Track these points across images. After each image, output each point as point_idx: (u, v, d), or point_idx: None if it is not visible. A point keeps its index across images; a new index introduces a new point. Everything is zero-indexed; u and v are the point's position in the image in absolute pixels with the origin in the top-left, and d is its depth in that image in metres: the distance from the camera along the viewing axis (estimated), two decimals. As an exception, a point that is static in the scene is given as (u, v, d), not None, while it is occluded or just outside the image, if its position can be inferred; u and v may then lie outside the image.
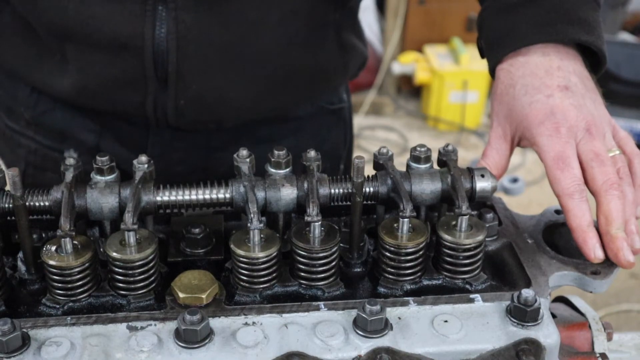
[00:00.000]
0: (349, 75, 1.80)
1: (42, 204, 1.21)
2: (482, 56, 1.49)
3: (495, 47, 1.42)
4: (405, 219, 1.19)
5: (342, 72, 1.76)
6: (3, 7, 1.60)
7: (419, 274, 1.23)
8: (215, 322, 1.13)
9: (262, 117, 1.69)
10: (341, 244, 1.23)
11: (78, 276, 1.16)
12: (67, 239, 1.15)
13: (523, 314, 1.13)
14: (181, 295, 1.16)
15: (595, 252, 1.22)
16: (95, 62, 1.52)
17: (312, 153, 1.26)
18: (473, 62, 5.52)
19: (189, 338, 1.08)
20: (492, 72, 1.43)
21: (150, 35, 1.46)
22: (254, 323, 1.13)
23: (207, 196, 1.24)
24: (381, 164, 1.28)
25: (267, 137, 1.71)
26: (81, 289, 1.17)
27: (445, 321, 1.14)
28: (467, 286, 1.22)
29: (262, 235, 1.18)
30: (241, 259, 1.18)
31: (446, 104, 5.62)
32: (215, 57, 1.52)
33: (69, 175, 1.21)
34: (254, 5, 1.49)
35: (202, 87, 1.54)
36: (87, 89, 1.55)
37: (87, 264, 1.16)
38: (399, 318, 1.14)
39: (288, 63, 1.60)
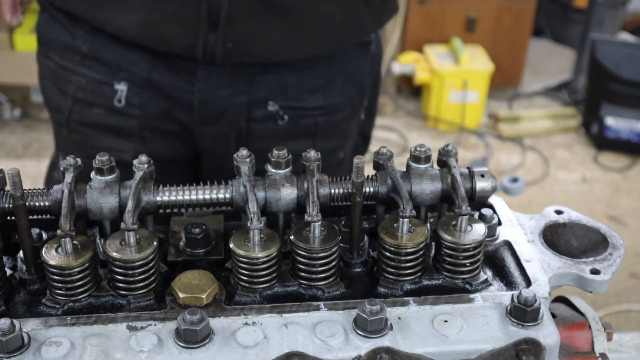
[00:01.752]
0: (381, 25, 1.97)
1: (42, 204, 1.21)
2: None
3: None
4: (405, 219, 1.19)
5: (372, 24, 1.93)
6: None
7: (419, 274, 1.23)
8: (215, 322, 1.13)
9: (299, 57, 1.88)
10: (341, 244, 1.23)
11: (78, 276, 1.16)
12: (67, 239, 1.15)
13: (523, 314, 1.13)
14: (181, 295, 1.16)
15: None
16: (156, 1, 1.67)
17: (312, 153, 1.26)
18: (473, 62, 5.52)
19: (189, 338, 1.08)
20: None
21: None
22: (254, 323, 1.13)
23: (207, 196, 1.24)
24: (381, 164, 1.28)
25: (302, 65, 1.89)
26: (81, 289, 1.17)
27: (445, 321, 1.14)
28: (467, 286, 1.22)
29: (262, 235, 1.18)
30: (241, 259, 1.18)
31: (446, 104, 5.61)
32: (261, 4, 1.69)
33: (69, 175, 1.21)
34: None
35: (249, 32, 1.71)
36: (148, 25, 1.71)
37: (87, 264, 1.16)
38: (399, 318, 1.14)
39: (320, 14, 1.78)
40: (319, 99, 1.93)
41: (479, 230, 1.21)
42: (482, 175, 1.26)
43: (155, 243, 1.18)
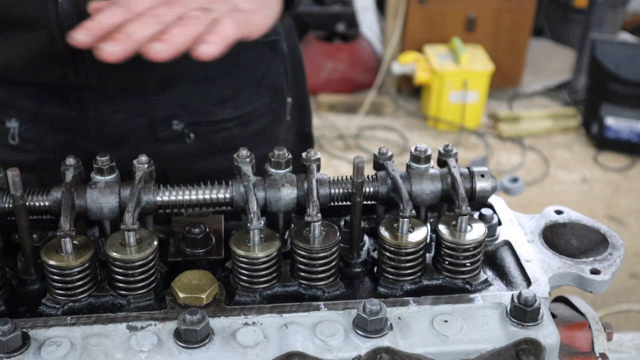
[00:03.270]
0: (280, 18, 1.75)
1: (42, 204, 1.21)
2: None
3: None
4: (405, 219, 1.19)
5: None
6: None
7: (419, 274, 1.23)
8: (215, 322, 1.13)
9: (189, 69, 1.71)
10: (341, 244, 1.23)
11: (78, 276, 1.16)
12: (67, 239, 1.15)
13: (523, 314, 1.13)
14: (181, 295, 1.16)
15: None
16: (17, 39, 1.58)
17: (312, 153, 1.26)
18: (473, 62, 5.52)
19: (189, 338, 1.08)
20: None
21: (54, 11, 1.51)
22: (254, 323, 1.13)
23: (207, 196, 1.24)
24: (381, 164, 1.28)
25: (204, 76, 1.73)
26: (81, 289, 1.17)
27: (445, 321, 1.14)
28: (467, 286, 1.22)
29: (262, 235, 1.18)
30: (241, 259, 1.18)
31: (446, 104, 5.61)
32: None
33: (69, 175, 1.21)
34: None
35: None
36: (13, 65, 1.62)
37: (87, 264, 1.16)
38: (399, 318, 1.14)
39: None
40: (230, 110, 1.78)
41: (479, 230, 1.22)
42: (482, 175, 1.26)
43: (155, 243, 1.18)
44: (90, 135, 1.72)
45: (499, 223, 1.35)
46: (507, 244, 1.32)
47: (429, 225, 1.28)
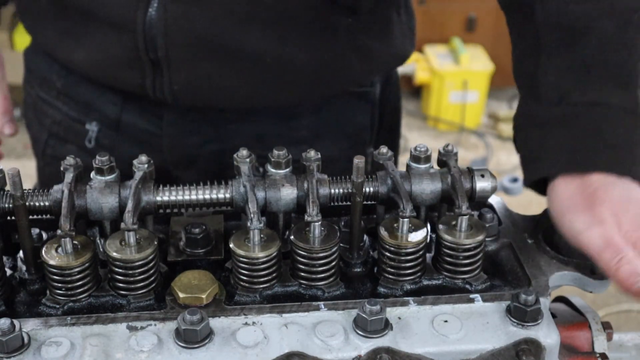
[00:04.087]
0: (376, 74, 1.76)
1: (42, 204, 1.21)
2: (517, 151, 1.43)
3: (532, 164, 1.36)
4: (405, 219, 1.19)
5: (364, 73, 1.72)
6: None
7: (419, 274, 1.23)
8: (215, 322, 1.13)
9: (266, 106, 1.69)
10: (341, 244, 1.23)
11: (78, 276, 1.16)
12: (67, 239, 1.15)
13: (523, 314, 1.13)
14: (181, 295, 1.16)
15: None
16: (102, 39, 1.60)
17: (312, 153, 1.26)
18: (473, 62, 5.52)
19: (189, 338, 1.08)
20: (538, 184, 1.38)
21: (142, 18, 1.52)
22: (254, 323, 1.13)
23: (207, 196, 1.24)
24: (381, 164, 1.28)
25: (284, 114, 1.70)
26: (81, 289, 1.17)
27: (445, 321, 1.14)
28: (467, 286, 1.22)
29: (262, 235, 1.18)
30: (241, 259, 1.18)
31: (446, 104, 5.61)
32: (202, 47, 1.55)
33: (69, 175, 1.21)
34: (240, 3, 1.51)
35: (192, 75, 1.58)
36: (97, 64, 1.64)
37: (87, 264, 1.16)
38: (399, 318, 1.14)
39: (284, 61, 1.59)
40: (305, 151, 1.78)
41: (479, 230, 1.21)
42: (482, 175, 1.26)
43: (155, 243, 1.18)
44: (162, 152, 1.73)
45: (499, 223, 1.35)
46: (507, 244, 1.32)
47: (429, 225, 1.28)
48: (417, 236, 1.20)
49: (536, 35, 1.38)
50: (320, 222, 1.18)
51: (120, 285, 1.18)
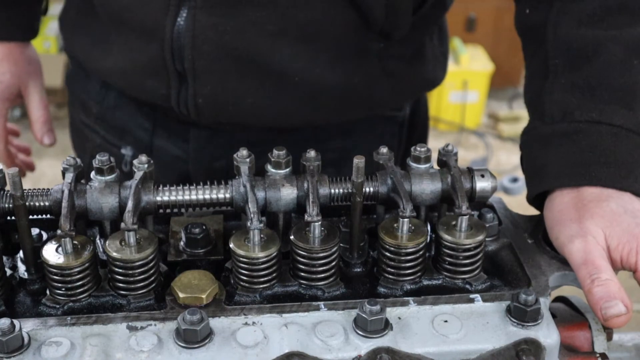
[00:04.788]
0: (405, 99, 1.75)
1: (42, 204, 1.21)
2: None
3: (536, 179, 1.35)
4: (405, 219, 1.19)
5: (395, 97, 1.71)
6: None
7: (419, 274, 1.23)
8: (215, 322, 1.13)
9: (292, 126, 1.67)
10: (341, 244, 1.23)
11: (78, 276, 1.16)
12: (67, 239, 1.15)
13: (523, 314, 1.13)
14: (181, 295, 1.16)
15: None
16: (130, 47, 1.61)
17: (312, 153, 1.26)
18: (473, 62, 5.52)
19: (189, 338, 1.08)
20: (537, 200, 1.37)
21: (170, 28, 1.52)
22: (254, 323, 1.13)
23: (207, 196, 1.24)
24: (381, 164, 1.28)
25: (312, 137, 1.69)
26: (81, 289, 1.17)
27: (445, 321, 1.14)
28: (467, 286, 1.22)
29: (262, 235, 1.18)
30: (241, 259, 1.18)
31: (446, 104, 5.61)
32: (229, 60, 1.53)
33: (69, 175, 1.21)
34: (272, 19, 1.49)
35: (217, 88, 1.56)
36: (124, 73, 1.64)
37: (87, 264, 1.16)
38: (399, 318, 1.14)
39: (312, 81, 1.57)
40: (331, 172, 1.69)
41: (479, 230, 1.21)
42: (482, 175, 1.26)
43: (155, 243, 1.18)
44: (189, 177, 1.74)
45: (499, 223, 1.35)
46: (507, 244, 1.32)
47: (429, 225, 1.28)
48: (417, 236, 1.20)
49: (545, 57, 1.38)
50: (320, 222, 1.18)
51: (120, 285, 1.18)
